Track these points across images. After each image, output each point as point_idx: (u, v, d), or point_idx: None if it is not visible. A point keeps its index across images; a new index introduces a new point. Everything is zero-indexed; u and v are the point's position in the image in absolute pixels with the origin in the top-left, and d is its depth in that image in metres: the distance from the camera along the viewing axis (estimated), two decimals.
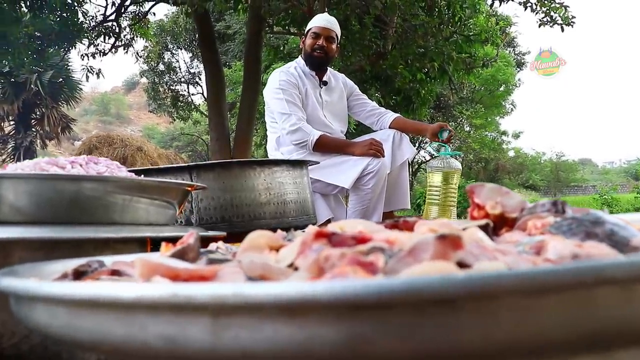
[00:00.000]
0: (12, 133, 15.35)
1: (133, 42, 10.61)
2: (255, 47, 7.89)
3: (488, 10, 9.12)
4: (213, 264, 0.48)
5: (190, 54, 16.54)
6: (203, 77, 12.75)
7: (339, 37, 2.76)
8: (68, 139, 23.25)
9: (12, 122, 15.22)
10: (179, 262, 0.44)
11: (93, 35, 9.44)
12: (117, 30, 9.76)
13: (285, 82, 2.59)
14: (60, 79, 15.12)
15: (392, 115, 2.82)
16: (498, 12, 11.24)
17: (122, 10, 9.64)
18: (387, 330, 0.26)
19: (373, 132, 2.81)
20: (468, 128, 18.61)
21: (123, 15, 9.89)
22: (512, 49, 18.73)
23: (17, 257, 0.82)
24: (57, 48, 9.97)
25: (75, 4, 8.31)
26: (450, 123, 16.41)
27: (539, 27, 6.52)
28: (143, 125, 45.06)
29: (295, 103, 2.57)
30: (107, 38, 9.65)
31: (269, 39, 8.97)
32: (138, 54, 13.92)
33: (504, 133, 22.66)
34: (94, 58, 9.56)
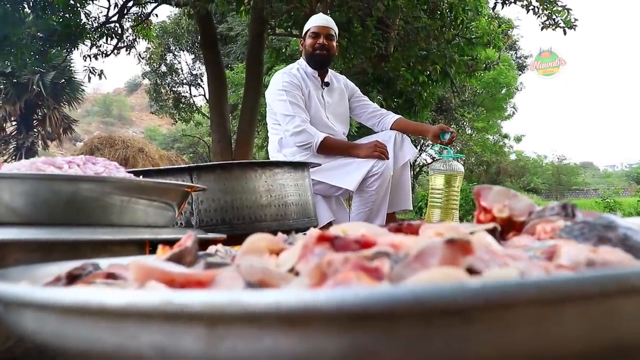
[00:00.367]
0: (14, 133, 15.39)
1: (135, 43, 10.62)
2: (258, 49, 7.89)
3: (490, 13, 9.10)
4: (211, 268, 0.46)
5: (193, 56, 16.54)
6: (205, 78, 12.76)
7: (337, 34, 2.76)
8: (70, 140, 23.28)
9: (14, 122, 15.25)
10: (175, 266, 0.42)
11: (95, 37, 9.44)
12: (119, 32, 9.76)
13: (289, 83, 2.58)
14: (63, 80, 15.15)
15: (393, 117, 2.81)
16: (500, 15, 11.23)
17: (124, 12, 9.64)
18: (393, 343, 0.24)
19: (374, 133, 2.81)
20: (470, 131, 18.59)
21: (125, 17, 9.90)
22: (514, 52, 18.71)
23: (12, 259, 0.80)
24: (59, 49, 9.97)
25: (78, 5, 8.31)
26: (452, 126, 16.39)
27: (542, 30, 6.52)
28: (145, 127, 45.11)
29: (299, 105, 2.55)
30: (109, 39, 9.64)
31: (271, 41, 8.96)
32: (140, 56, 13.94)
33: (506, 136, 22.62)
34: (96, 59, 9.56)
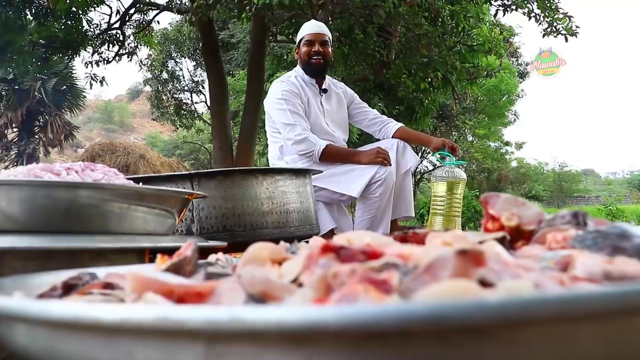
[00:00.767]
0: (15, 140, 15.39)
1: (137, 50, 10.63)
2: (259, 55, 7.89)
3: (492, 21, 9.11)
4: (211, 279, 0.45)
5: (194, 63, 16.57)
6: (206, 85, 12.77)
7: (331, 39, 2.75)
8: (71, 147, 23.31)
9: (15, 129, 15.26)
10: (174, 277, 0.41)
11: (97, 43, 9.47)
12: (121, 39, 9.79)
13: (288, 92, 2.56)
14: (64, 87, 15.18)
15: (395, 125, 2.80)
16: (502, 22, 11.24)
17: (126, 19, 9.67)
18: None
19: (376, 141, 2.79)
20: (471, 138, 18.58)
21: (127, 24, 9.92)
22: (515, 60, 18.72)
23: (9, 267, 0.79)
24: (61, 56, 10.01)
25: (80, 12, 8.33)
26: (453, 133, 16.40)
27: (543, 37, 6.53)
28: (146, 134, 45.16)
29: (299, 113, 2.54)
30: (111, 46, 9.67)
31: (273, 48, 8.97)
32: (142, 62, 13.96)
33: (507, 143, 22.60)
34: (98, 66, 9.58)
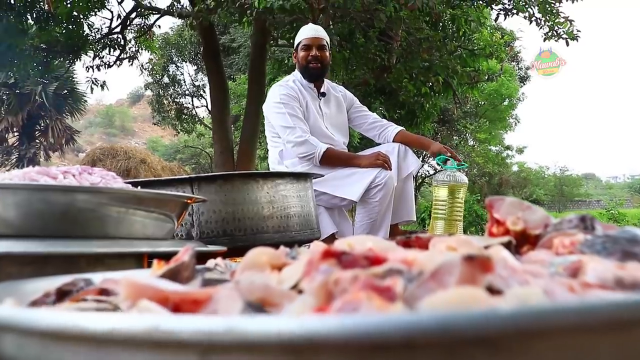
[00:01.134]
0: (16, 144, 15.41)
1: (138, 54, 10.64)
2: (260, 60, 7.90)
3: (493, 25, 9.12)
4: (208, 285, 0.43)
5: (195, 67, 16.58)
6: (207, 90, 12.78)
7: (329, 43, 2.74)
8: (72, 151, 23.32)
9: (16, 133, 15.27)
10: (170, 283, 0.39)
11: (98, 48, 9.47)
12: (122, 43, 9.79)
13: (286, 95, 2.56)
14: (65, 91, 15.20)
15: (395, 128, 2.79)
16: (503, 26, 11.24)
17: (127, 23, 9.68)
18: None
19: (376, 145, 2.78)
20: (472, 142, 18.56)
21: (128, 28, 9.93)
22: (515, 64, 18.71)
23: (4, 272, 0.77)
24: (62, 60, 10.01)
25: (81, 17, 8.34)
26: (454, 137, 16.38)
27: (544, 41, 6.53)
28: (147, 138, 45.23)
29: (298, 116, 2.53)
30: (112, 50, 9.68)
31: (274, 52, 8.98)
32: (143, 67, 13.96)
33: (508, 147, 22.57)
34: (99, 70, 9.58)
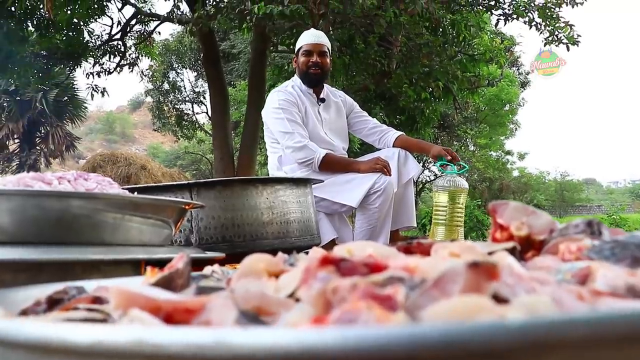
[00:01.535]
0: (16, 151, 15.41)
1: (138, 61, 10.68)
2: (260, 66, 7.90)
3: (493, 30, 9.13)
4: (203, 293, 0.42)
5: (195, 73, 16.60)
6: (207, 96, 12.78)
7: (330, 49, 2.73)
8: (72, 158, 23.33)
9: (17, 140, 15.28)
10: (162, 291, 0.38)
11: (98, 54, 9.50)
12: (122, 50, 9.82)
13: (284, 101, 2.55)
14: (66, 98, 15.19)
15: (395, 133, 2.78)
16: (502, 31, 11.26)
17: (127, 30, 9.70)
18: None
19: (377, 150, 2.77)
20: (472, 147, 18.55)
21: (128, 35, 9.96)
22: (516, 69, 18.73)
23: None
24: (62, 67, 10.03)
25: (81, 24, 8.36)
26: (455, 142, 16.37)
27: (545, 45, 6.52)
28: (147, 144, 45.27)
29: (297, 121, 2.53)
30: (112, 57, 9.71)
31: (274, 58, 8.99)
32: (143, 73, 13.99)
33: (509, 152, 22.57)
34: (99, 77, 9.62)
